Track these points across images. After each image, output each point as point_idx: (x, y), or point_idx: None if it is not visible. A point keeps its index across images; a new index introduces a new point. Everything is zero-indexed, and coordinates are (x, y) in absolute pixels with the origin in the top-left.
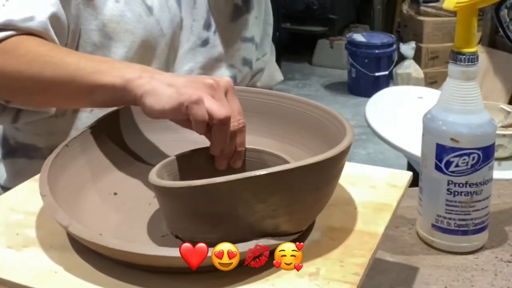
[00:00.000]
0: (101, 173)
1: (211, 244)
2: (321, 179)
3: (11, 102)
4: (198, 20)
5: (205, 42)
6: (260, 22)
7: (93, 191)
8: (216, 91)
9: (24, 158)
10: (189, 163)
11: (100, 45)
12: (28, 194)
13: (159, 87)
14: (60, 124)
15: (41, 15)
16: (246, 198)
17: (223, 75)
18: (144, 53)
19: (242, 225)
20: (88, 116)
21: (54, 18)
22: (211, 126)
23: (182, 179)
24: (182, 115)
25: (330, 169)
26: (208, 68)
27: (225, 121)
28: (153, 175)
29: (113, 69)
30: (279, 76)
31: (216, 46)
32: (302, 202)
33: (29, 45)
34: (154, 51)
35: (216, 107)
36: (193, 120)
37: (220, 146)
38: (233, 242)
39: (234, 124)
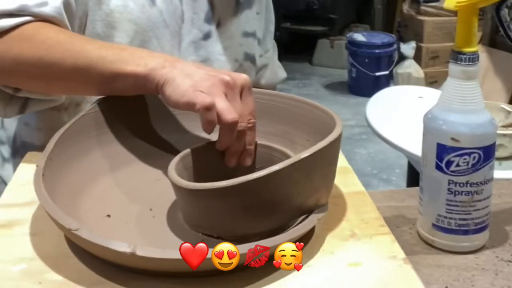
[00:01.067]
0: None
1: (264, 235)
2: (335, 154)
3: (21, 90)
4: (199, 13)
5: (207, 36)
6: (261, 18)
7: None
8: (232, 90)
9: None
10: (203, 157)
11: (103, 35)
12: None
13: (178, 77)
14: (62, 118)
15: (54, 0)
16: (298, 180)
17: (226, 69)
18: (148, 44)
19: (293, 208)
20: None
21: (66, 4)
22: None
23: (196, 173)
24: (193, 111)
25: (338, 145)
26: (210, 62)
27: (232, 125)
28: (177, 178)
29: (135, 57)
30: (282, 73)
31: (219, 40)
32: (331, 174)
33: (48, 32)
34: (158, 42)
35: (226, 110)
36: (202, 122)
37: (226, 144)
38: (283, 226)
39: (242, 125)
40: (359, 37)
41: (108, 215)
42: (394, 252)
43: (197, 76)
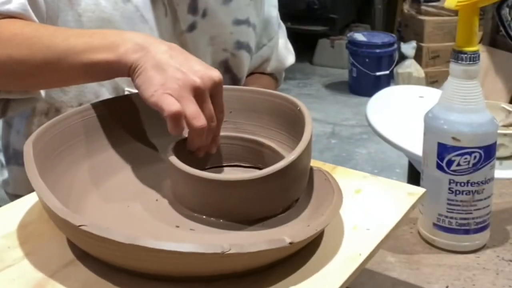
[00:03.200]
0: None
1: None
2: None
3: None
4: (181, 5)
5: (191, 27)
6: (257, 4)
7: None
8: (202, 92)
9: (16, 165)
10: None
11: None
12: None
13: (149, 68)
14: (40, 125)
15: None
16: (306, 165)
17: (215, 59)
18: None
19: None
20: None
21: (31, 1)
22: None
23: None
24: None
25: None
26: (196, 53)
27: (201, 131)
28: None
29: (106, 42)
30: (291, 59)
31: (205, 31)
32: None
33: (13, 28)
34: None
35: (195, 116)
36: (168, 128)
37: (196, 146)
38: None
39: (212, 124)
40: (359, 36)
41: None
42: None
43: (168, 71)
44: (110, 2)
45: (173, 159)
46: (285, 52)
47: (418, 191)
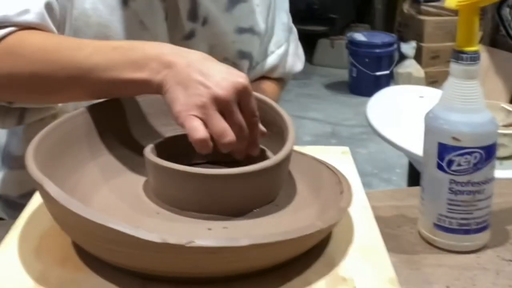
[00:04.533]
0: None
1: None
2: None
3: (14, 102)
4: (181, 10)
5: (190, 35)
6: (264, 10)
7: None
8: (227, 104)
9: (7, 168)
10: (173, 148)
11: None
12: None
13: (172, 87)
14: (39, 130)
15: (36, 6)
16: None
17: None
18: None
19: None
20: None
21: (49, 7)
22: None
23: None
24: None
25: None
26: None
27: (229, 146)
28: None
29: (128, 60)
30: (299, 65)
31: (205, 39)
32: None
33: (34, 42)
34: None
35: (222, 133)
36: (196, 149)
37: (229, 150)
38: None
39: (246, 131)
40: (359, 36)
41: None
42: None
43: (191, 87)
44: (108, 7)
45: (150, 156)
46: (294, 58)
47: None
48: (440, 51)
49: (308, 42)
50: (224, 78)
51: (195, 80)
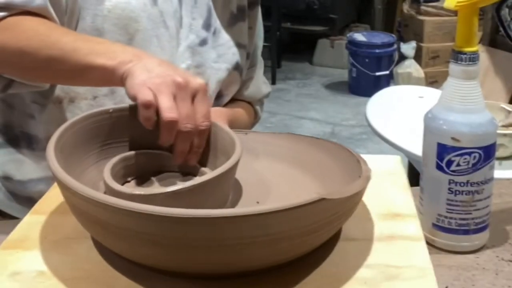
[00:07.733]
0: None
1: None
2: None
3: (4, 72)
4: (198, 19)
5: (203, 42)
6: (252, 34)
7: None
8: (182, 90)
9: (27, 149)
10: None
11: (103, 31)
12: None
13: (138, 71)
14: (55, 113)
15: None
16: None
17: (218, 76)
18: (148, 43)
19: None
20: (91, 104)
21: None
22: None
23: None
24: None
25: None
26: (204, 68)
27: (170, 124)
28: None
29: (108, 51)
30: (266, 88)
31: (214, 48)
32: None
33: (29, 24)
34: (159, 42)
35: (167, 109)
36: (139, 117)
37: (165, 142)
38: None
39: (188, 126)
40: (359, 37)
41: None
42: None
43: (154, 71)
44: (140, 3)
45: (109, 180)
46: (262, 81)
47: None
48: (440, 51)
49: (308, 42)
50: (186, 73)
51: (159, 68)
